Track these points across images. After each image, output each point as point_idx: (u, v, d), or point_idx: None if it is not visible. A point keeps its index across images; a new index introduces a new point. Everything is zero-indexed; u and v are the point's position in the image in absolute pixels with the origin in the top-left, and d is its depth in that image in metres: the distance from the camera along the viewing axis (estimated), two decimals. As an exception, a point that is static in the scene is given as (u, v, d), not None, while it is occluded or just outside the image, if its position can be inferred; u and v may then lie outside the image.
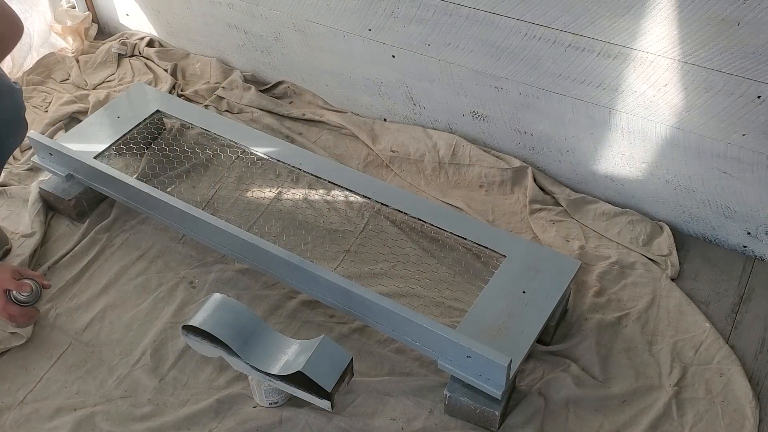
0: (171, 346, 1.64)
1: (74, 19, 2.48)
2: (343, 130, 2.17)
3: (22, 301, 1.55)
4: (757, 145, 1.60)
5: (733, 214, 1.75)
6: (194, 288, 1.76)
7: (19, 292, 1.54)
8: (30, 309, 1.58)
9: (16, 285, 1.54)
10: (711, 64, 1.53)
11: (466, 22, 1.80)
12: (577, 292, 1.71)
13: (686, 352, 1.60)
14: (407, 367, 1.59)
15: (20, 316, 1.56)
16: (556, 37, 1.69)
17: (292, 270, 1.59)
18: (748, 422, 1.47)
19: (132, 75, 2.37)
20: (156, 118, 2.05)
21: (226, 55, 2.39)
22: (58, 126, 2.17)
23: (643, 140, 1.75)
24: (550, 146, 1.92)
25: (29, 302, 1.56)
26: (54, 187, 1.89)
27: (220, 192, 1.98)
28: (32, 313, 1.59)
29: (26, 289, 1.55)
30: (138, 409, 1.53)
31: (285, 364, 1.42)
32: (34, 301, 1.57)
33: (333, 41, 2.08)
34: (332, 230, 1.87)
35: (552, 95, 1.81)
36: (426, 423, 1.49)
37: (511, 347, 1.44)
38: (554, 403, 1.52)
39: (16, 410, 1.54)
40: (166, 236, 1.87)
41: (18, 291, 1.54)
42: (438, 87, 1.99)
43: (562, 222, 1.87)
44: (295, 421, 1.49)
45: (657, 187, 1.82)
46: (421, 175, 2.02)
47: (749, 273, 1.77)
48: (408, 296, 1.71)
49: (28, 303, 1.56)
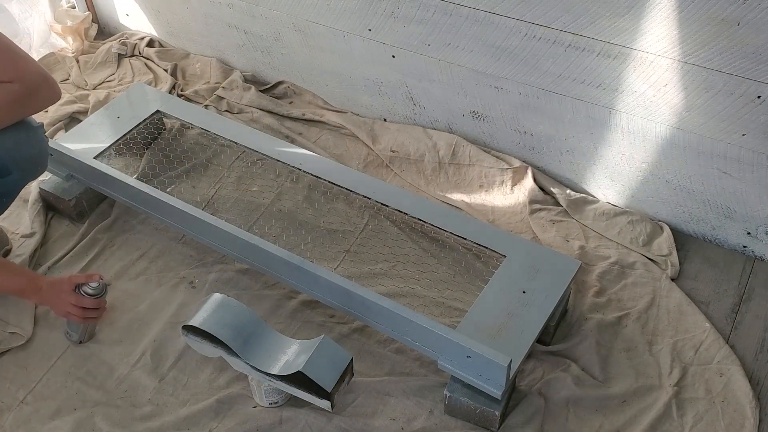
0: (171, 346, 1.64)
1: (74, 19, 2.48)
2: (343, 130, 2.17)
3: (91, 294, 1.58)
4: (757, 145, 1.60)
5: (733, 214, 1.75)
6: (194, 288, 1.76)
7: (89, 284, 1.58)
8: (101, 300, 1.60)
9: (85, 277, 1.58)
10: (711, 64, 1.53)
11: (466, 22, 1.80)
12: (577, 292, 1.71)
13: (686, 352, 1.60)
14: (407, 367, 1.59)
15: (93, 308, 1.59)
16: (556, 37, 1.69)
17: (292, 270, 1.59)
18: (748, 422, 1.47)
19: (132, 75, 2.37)
20: (156, 118, 2.05)
21: (226, 55, 2.39)
22: (58, 126, 2.18)
23: (643, 140, 1.75)
24: (550, 146, 1.92)
25: (99, 294, 1.59)
26: (54, 187, 1.89)
27: (220, 192, 1.97)
28: (103, 305, 1.62)
29: (95, 278, 1.58)
30: (138, 409, 1.53)
31: (285, 364, 1.42)
32: (102, 293, 1.60)
33: (333, 41, 2.08)
34: (332, 230, 1.87)
35: (552, 95, 1.81)
36: (426, 423, 1.49)
37: (511, 347, 1.44)
38: (554, 403, 1.52)
39: (16, 410, 1.54)
40: (166, 236, 1.87)
41: (88, 283, 1.57)
42: (438, 87, 1.99)
43: (562, 222, 1.87)
44: (295, 421, 1.49)
45: (657, 187, 1.82)
46: (421, 175, 2.02)
47: (749, 273, 1.77)
48: (408, 296, 1.71)
49: (98, 295, 1.59)
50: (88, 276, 1.59)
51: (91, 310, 1.60)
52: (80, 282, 1.58)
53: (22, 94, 1.49)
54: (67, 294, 1.57)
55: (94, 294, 1.58)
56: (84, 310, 1.58)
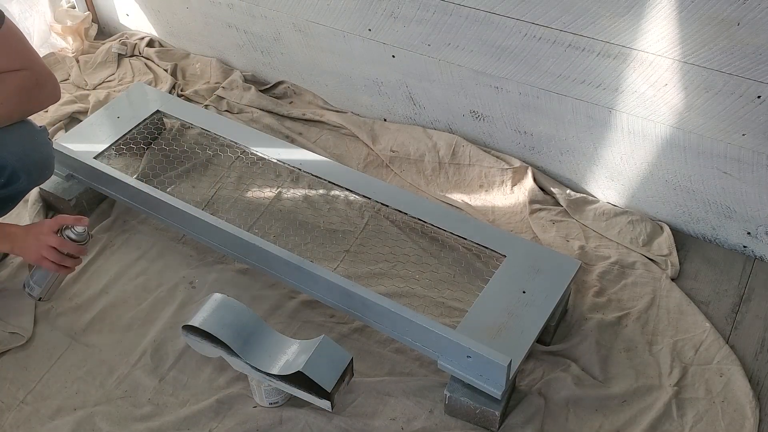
0: (171, 346, 1.64)
1: (74, 19, 2.48)
2: (343, 130, 2.17)
3: (75, 239, 1.54)
4: (757, 145, 1.60)
5: (733, 214, 1.75)
6: (194, 288, 1.76)
7: (74, 228, 1.53)
8: (83, 248, 1.56)
9: (74, 219, 1.53)
10: (711, 64, 1.53)
11: (466, 22, 1.80)
12: (577, 292, 1.71)
13: (686, 352, 1.60)
14: (407, 367, 1.59)
15: (73, 255, 1.55)
16: (556, 37, 1.69)
17: (292, 270, 1.59)
18: (748, 422, 1.47)
19: (132, 75, 2.37)
20: (156, 118, 2.05)
21: (226, 55, 2.39)
22: (58, 126, 2.18)
23: (643, 140, 1.75)
24: (550, 146, 1.92)
25: (83, 241, 1.55)
26: (54, 187, 1.89)
27: (220, 192, 1.97)
28: (83, 253, 1.58)
29: (84, 222, 1.53)
30: (138, 409, 1.53)
31: (285, 364, 1.42)
32: (86, 241, 1.56)
33: (333, 41, 2.08)
34: (332, 230, 1.87)
35: (552, 95, 1.81)
36: (426, 423, 1.49)
37: (511, 347, 1.44)
38: (554, 403, 1.52)
39: (16, 410, 1.54)
40: (166, 236, 1.87)
41: (74, 226, 1.53)
42: (438, 87, 1.99)
43: (562, 222, 1.87)
44: (295, 421, 1.49)
45: (657, 187, 1.82)
46: (421, 175, 2.02)
47: (749, 273, 1.77)
48: (408, 296, 1.71)
49: (82, 242, 1.55)
50: (77, 219, 1.54)
51: (68, 258, 1.54)
52: (67, 224, 1.53)
53: (32, 83, 1.50)
54: (47, 235, 1.51)
55: (78, 240, 1.53)
56: (61, 256, 1.53)
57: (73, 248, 1.54)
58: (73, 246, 1.54)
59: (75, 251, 1.55)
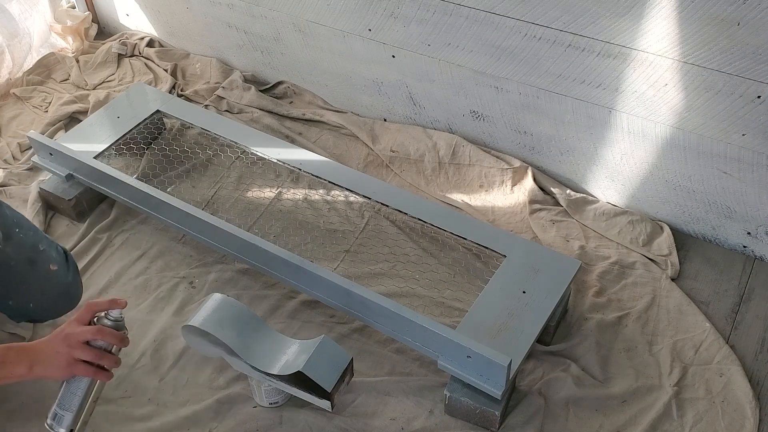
0: (171, 346, 1.64)
1: (74, 19, 2.48)
2: (343, 130, 2.17)
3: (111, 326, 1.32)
4: (757, 145, 1.60)
5: (733, 214, 1.75)
6: (194, 288, 1.76)
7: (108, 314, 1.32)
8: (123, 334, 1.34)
9: (109, 303, 1.31)
10: (711, 64, 1.53)
11: (466, 22, 1.80)
12: (577, 292, 1.71)
13: (686, 352, 1.60)
14: (407, 367, 1.59)
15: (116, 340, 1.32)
16: (556, 37, 1.69)
17: (292, 270, 1.59)
18: (748, 422, 1.47)
19: (132, 75, 2.37)
20: (156, 118, 2.05)
21: (226, 55, 2.39)
22: (58, 126, 2.17)
23: (643, 140, 1.75)
24: (550, 146, 1.92)
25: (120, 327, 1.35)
26: (54, 187, 1.89)
27: (220, 192, 1.97)
28: (125, 340, 1.34)
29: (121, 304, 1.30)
30: (138, 409, 1.53)
31: (285, 364, 1.42)
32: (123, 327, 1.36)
33: (333, 41, 2.08)
34: (332, 230, 1.87)
35: (552, 95, 1.81)
36: (426, 423, 1.49)
37: (511, 347, 1.44)
38: (554, 403, 1.52)
39: (16, 410, 1.54)
40: (166, 236, 1.87)
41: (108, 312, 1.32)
42: (438, 87, 1.99)
43: (562, 222, 1.87)
44: (295, 421, 1.49)
45: (657, 187, 1.82)
46: (421, 175, 2.02)
47: (749, 273, 1.77)
48: (408, 296, 1.71)
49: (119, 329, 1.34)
50: (112, 302, 1.30)
51: (107, 356, 1.30)
52: (100, 309, 1.30)
53: None
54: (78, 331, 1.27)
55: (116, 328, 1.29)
56: (99, 353, 1.28)
57: (112, 337, 1.28)
58: (111, 335, 1.28)
59: (115, 340, 1.29)
